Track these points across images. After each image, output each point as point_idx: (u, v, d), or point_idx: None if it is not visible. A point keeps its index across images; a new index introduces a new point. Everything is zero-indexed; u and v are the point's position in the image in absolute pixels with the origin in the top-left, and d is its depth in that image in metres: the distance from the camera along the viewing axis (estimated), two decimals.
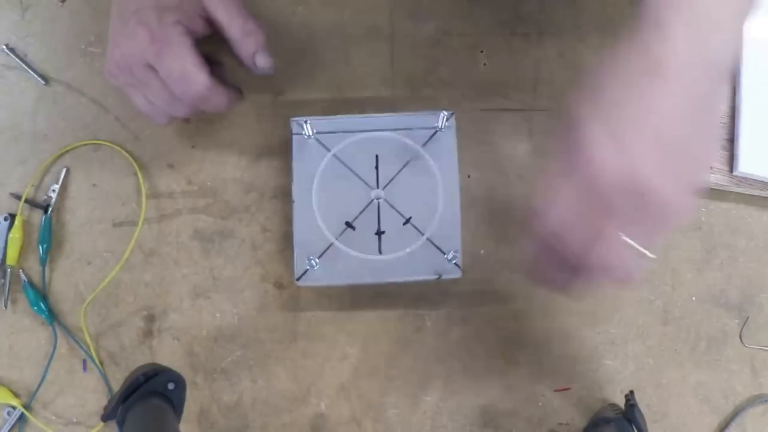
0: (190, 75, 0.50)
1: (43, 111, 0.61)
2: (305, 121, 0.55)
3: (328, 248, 0.55)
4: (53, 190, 0.59)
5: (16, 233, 0.58)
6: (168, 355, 0.58)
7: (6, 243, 0.58)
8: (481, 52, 0.61)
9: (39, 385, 0.58)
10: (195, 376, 0.58)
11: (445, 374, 0.58)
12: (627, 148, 0.38)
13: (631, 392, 0.53)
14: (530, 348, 0.58)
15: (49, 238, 0.58)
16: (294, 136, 0.56)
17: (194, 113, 0.54)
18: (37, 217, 0.59)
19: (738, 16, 0.40)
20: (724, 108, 0.58)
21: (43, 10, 0.62)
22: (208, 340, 0.58)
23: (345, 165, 0.56)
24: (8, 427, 0.57)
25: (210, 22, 0.52)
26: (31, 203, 0.59)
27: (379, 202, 0.55)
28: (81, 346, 0.58)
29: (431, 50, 0.61)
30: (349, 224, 0.55)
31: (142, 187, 0.59)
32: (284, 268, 0.58)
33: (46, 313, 0.58)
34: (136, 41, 0.49)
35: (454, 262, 0.54)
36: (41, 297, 0.58)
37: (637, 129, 0.39)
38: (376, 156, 0.56)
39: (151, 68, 0.50)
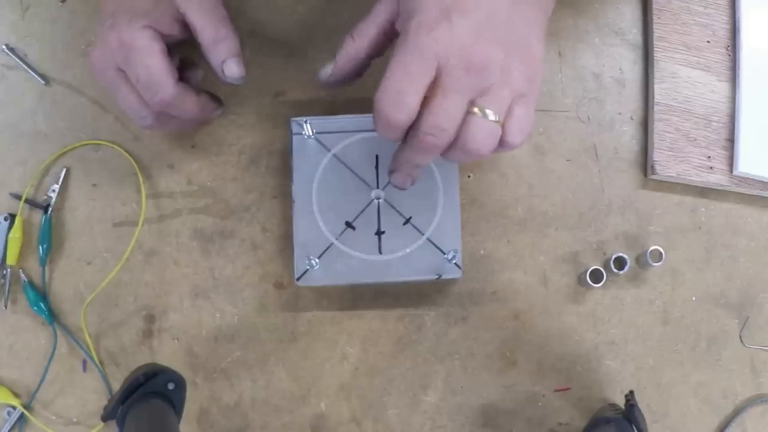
0: (156, 80, 0.49)
1: (43, 111, 0.61)
2: (305, 121, 0.55)
3: (328, 248, 0.55)
4: (53, 190, 0.59)
5: (16, 233, 0.58)
6: (168, 355, 0.58)
7: (6, 243, 0.58)
8: None
9: (39, 385, 0.58)
10: (195, 376, 0.58)
11: (445, 374, 0.58)
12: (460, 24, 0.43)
13: (631, 392, 0.53)
14: (530, 348, 0.58)
15: (49, 238, 0.58)
16: (294, 136, 0.56)
17: (167, 121, 0.53)
18: (37, 217, 0.59)
19: None
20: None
21: (43, 10, 0.62)
22: (208, 340, 0.58)
23: (345, 165, 0.56)
24: (8, 427, 0.57)
25: (187, 26, 0.52)
26: (31, 203, 0.59)
27: (379, 202, 0.55)
28: (81, 346, 0.58)
29: None
30: (349, 224, 0.55)
31: (142, 187, 0.59)
32: (284, 268, 0.58)
33: (46, 313, 0.58)
34: (107, 46, 0.49)
35: (454, 262, 0.54)
36: (41, 297, 0.58)
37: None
38: (376, 156, 0.56)
39: (123, 72, 0.50)
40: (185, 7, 0.50)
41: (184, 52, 0.54)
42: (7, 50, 0.61)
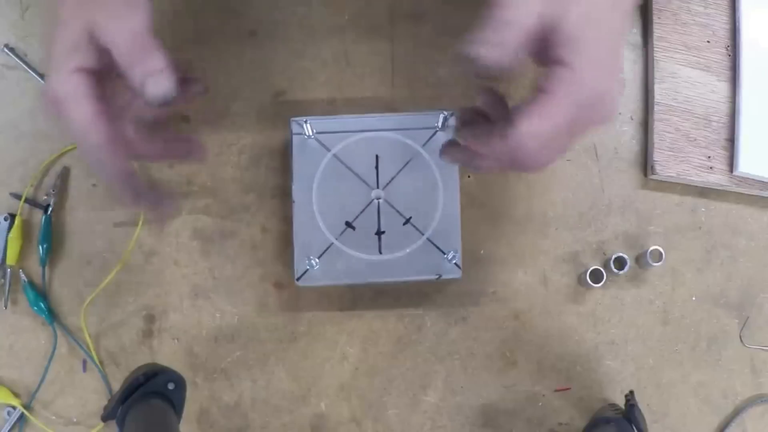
0: (87, 130, 0.44)
1: (43, 111, 0.60)
2: (305, 121, 0.55)
3: (328, 248, 0.55)
4: (53, 190, 0.59)
5: (16, 233, 0.58)
6: (168, 355, 0.58)
7: (6, 243, 0.58)
8: None
9: (39, 385, 0.58)
10: (195, 376, 0.58)
11: (445, 374, 0.58)
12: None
13: (631, 392, 0.53)
14: (530, 348, 0.58)
15: (49, 238, 0.58)
16: (294, 136, 0.56)
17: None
18: (37, 217, 0.59)
19: None
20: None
21: (43, 10, 0.62)
22: (208, 340, 0.58)
23: (345, 165, 0.56)
24: (8, 427, 0.57)
25: None
26: (31, 203, 0.59)
27: (379, 202, 0.55)
28: (81, 346, 0.58)
29: (431, 50, 0.61)
30: (349, 224, 0.55)
31: None
32: (284, 268, 0.58)
33: (46, 313, 0.58)
34: (45, 99, 0.45)
35: (454, 262, 0.54)
36: (41, 297, 0.58)
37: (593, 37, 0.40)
38: (376, 156, 0.56)
39: None
40: (94, 28, 0.43)
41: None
42: (7, 50, 0.61)
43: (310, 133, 0.55)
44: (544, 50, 0.41)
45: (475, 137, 0.45)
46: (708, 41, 0.59)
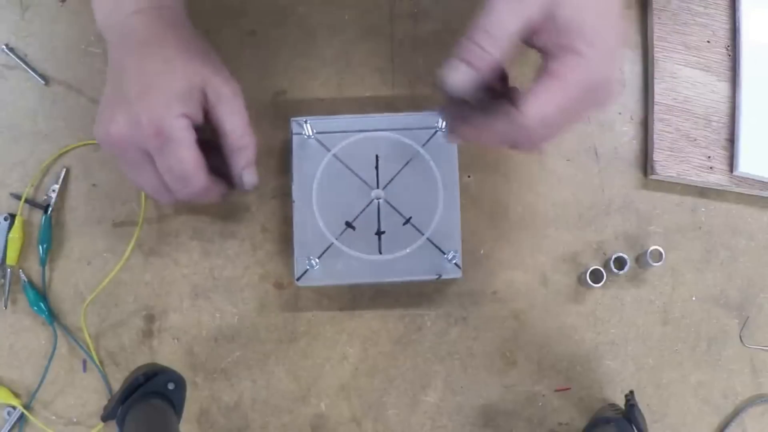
0: (189, 176, 0.47)
1: (43, 111, 0.61)
2: (305, 121, 0.55)
3: (328, 248, 0.55)
4: (53, 190, 0.59)
5: (16, 233, 0.58)
6: (168, 355, 0.58)
7: (6, 243, 0.58)
8: None
9: (39, 385, 0.58)
10: (195, 376, 0.58)
11: (445, 374, 0.58)
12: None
13: (631, 392, 0.53)
14: (530, 348, 0.58)
15: (49, 238, 0.58)
16: (294, 136, 0.56)
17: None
18: (37, 217, 0.59)
19: None
20: None
21: (43, 10, 0.62)
22: (208, 340, 0.58)
23: (345, 165, 0.56)
24: (8, 427, 0.57)
25: (207, 116, 0.49)
26: (31, 203, 0.59)
27: (379, 202, 0.55)
28: (81, 346, 0.58)
29: (431, 50, 0.61)
30: (349, 224, 0.55)
31: None
32: (284, 268, 0.58)
33: (46, 313, 0.58)
34: (139, 128, 0.45)
35: (454, 262, 0.54)
36: (41, 297, 0.58)
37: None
38: (376, 156, 0.56)
39: (148, 155, 0.47)
40: (219, 107, 0.48)
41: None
42: (7, 50, 0.61)
43: (310, 133, 0.55)
44: (543, 37, 0.42)
45: (473, 125, 0.45)
46: (708, 41, 0.59)
